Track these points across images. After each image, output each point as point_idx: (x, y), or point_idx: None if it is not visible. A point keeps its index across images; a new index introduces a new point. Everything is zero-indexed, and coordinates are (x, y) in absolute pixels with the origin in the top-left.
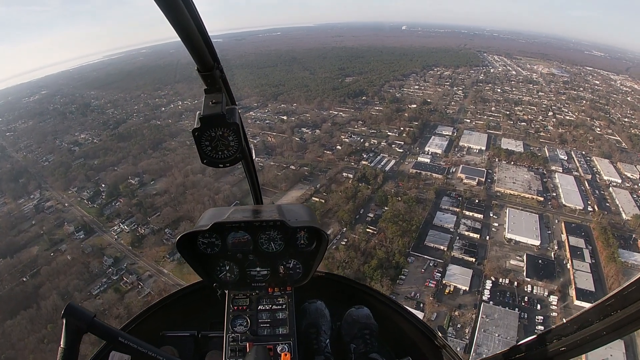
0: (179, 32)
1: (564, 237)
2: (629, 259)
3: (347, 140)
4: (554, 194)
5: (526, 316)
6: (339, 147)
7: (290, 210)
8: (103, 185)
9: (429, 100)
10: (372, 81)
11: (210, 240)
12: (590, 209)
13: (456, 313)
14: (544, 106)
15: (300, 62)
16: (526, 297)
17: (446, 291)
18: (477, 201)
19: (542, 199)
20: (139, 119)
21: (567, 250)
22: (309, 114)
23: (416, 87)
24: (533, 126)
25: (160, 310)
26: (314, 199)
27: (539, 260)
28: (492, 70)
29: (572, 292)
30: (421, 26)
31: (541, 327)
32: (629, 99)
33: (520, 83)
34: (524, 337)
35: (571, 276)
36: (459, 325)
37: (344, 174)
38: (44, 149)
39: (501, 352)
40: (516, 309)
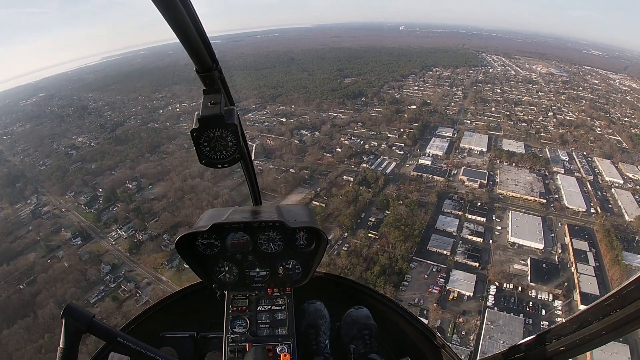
0: (177, 32)
1: (567, 240)
2: (632, 261)
3: (346, 142)
4: (557, 196)
5: (531, 322)
6: (338, 149)
7: (289, 210)
8: (100, 190)
9: (428, 101)
10: (371, 82)
11: (209, 241)
12: (593, 210)
13: (460, 320)
14: (544, 106)
15: (298, 63)
16: (531, 303)
17: (450, 297)
18: (479, 204)
19: (544, 201)
20: (136, 122)
21: (571, 253)
22: (308, 115)
23: (415, 87)
24: (534, 127)
25: (159, 311)
26: (314, 203)
27: (543, 264)
28: (491, 70)
29: (577, 297)
30: (419, 26)
31: None
32: (628, 98)
33: (519, 83)
34: None
35: (575, 280)
36: (463, 332)
37: (345, 177)
38: (41, 152)
39: (500, 352)
40: (521, 314)
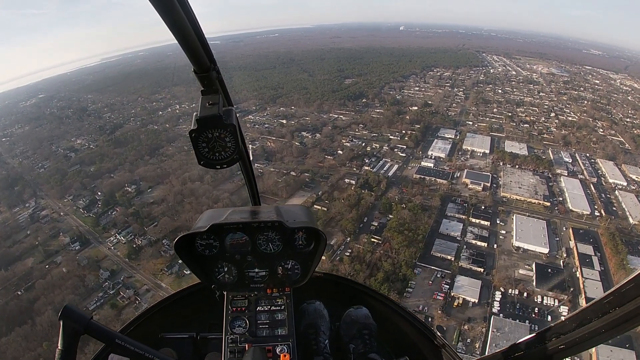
0: (175, 33)
1: (572, 244)
2: (638, 265)
3: (348, 144)
4: (561, 199)
5: (537, 328)
6: (340, 151)
7: (288, 211)
8: (99, 193)
9: (430, 102)
10: (372, 83)
11: (208, 241)
12: (597, 213)
13: (466, 327)
14: (545, 107)
15: (298, 63)
16: (536, 308)
17: (455, 304)
18: (483, 207)
19: (548, 204)
20: (135, 124)
21: (576, 257)
22: (309, 117)
23: (416, 88)
24: (536, 128)
25: (158, 312)
26: (316, 206)
27: (548, 269)
28: (492, 71)
29: (583, 302)
30: (419, 26)
31: None
32: (629, 98)
33: (520, 83)
34: None
35: (581, 285)
36: (468, 340)
37: (346, 180)
38: (39, 155)
39: (500, 351)
40: (527, 321)
